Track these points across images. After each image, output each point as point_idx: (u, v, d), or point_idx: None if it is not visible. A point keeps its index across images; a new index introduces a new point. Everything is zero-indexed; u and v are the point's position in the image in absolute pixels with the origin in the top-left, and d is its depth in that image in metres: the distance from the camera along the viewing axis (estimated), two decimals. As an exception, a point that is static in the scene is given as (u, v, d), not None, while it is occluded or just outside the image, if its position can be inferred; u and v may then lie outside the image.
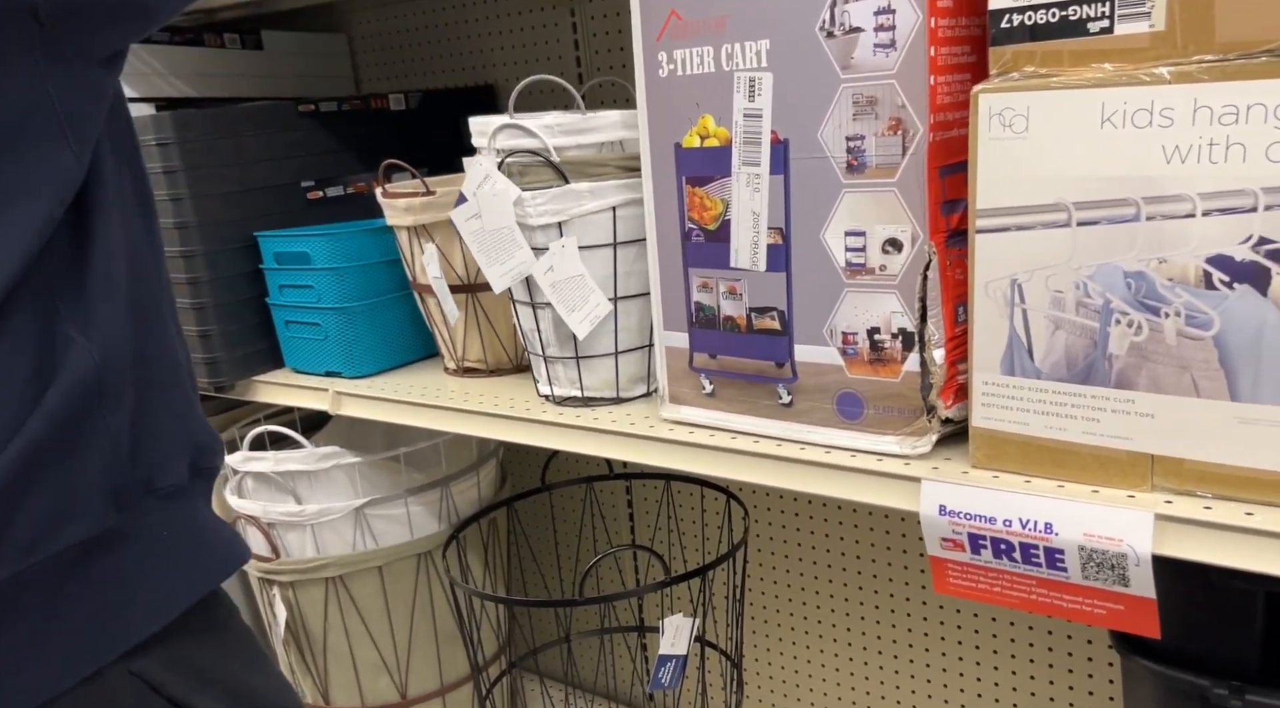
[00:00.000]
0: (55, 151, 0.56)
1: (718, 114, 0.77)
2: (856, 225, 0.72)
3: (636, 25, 0.80)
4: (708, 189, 0.80)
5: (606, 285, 0.91)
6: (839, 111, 0.70)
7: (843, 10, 0.68)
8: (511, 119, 0.89)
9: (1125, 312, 0.61)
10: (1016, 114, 0.62)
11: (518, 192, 0.88)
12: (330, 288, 1.09)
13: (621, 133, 0.90)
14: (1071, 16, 0.60)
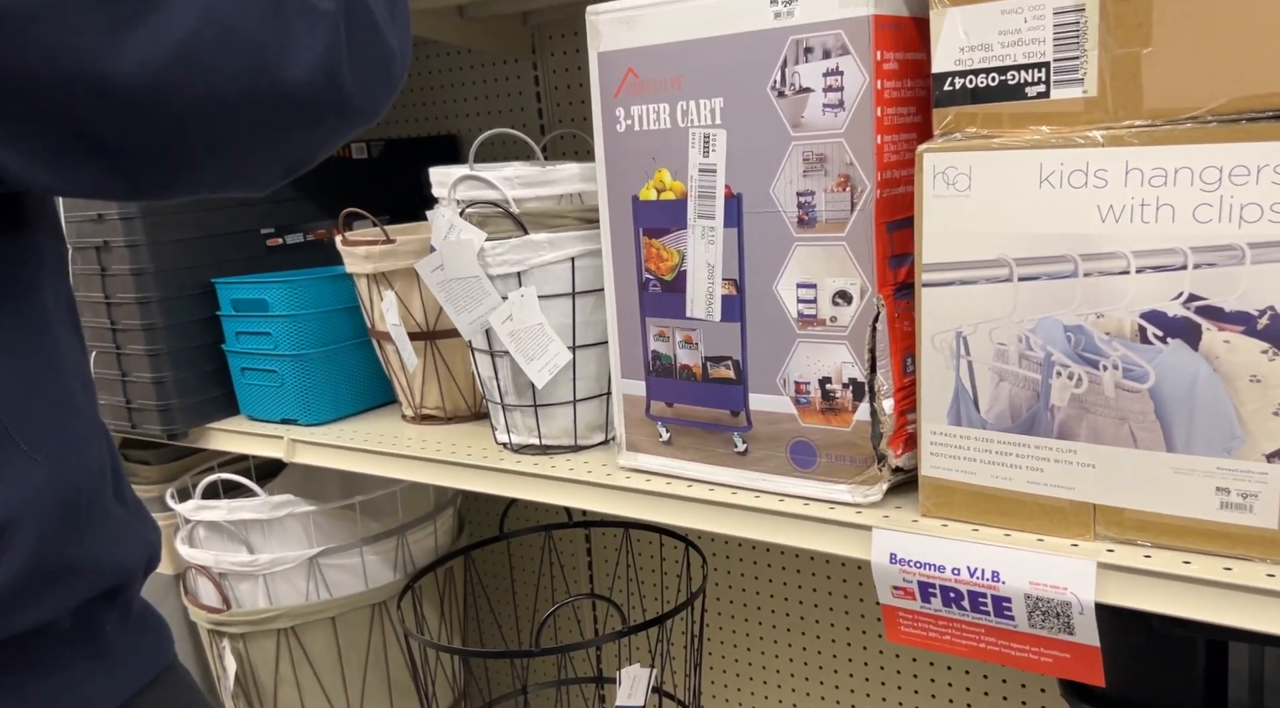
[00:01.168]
0: None
1: (674, 168, 0.79)
2: (808, 278, 0.74)
3: (595, 82, 0.82)
4: (664, 241, 0.81)
5: (565, 334, 0.92)
6: (790, 168, 0.72)
7: (793, 71, 0.71)
8: (472, 170, 0.90)
9: (1066, 364, 0.62)
10: (960, 173, 0.64)
11: (483, 239, 0.89)
12: (288, 335, 1.09)
13: (580, 186, 0.91)
14: (1010, 81, 0.63)
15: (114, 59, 0.47)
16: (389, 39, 0.60)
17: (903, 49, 0.69)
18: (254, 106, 0.52)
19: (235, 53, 0.50)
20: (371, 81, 0.57)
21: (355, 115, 0.58)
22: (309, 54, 0.53)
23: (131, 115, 0.48)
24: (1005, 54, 0.62)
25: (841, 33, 0.68)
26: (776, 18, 0.71)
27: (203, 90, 0.50)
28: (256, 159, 0.55)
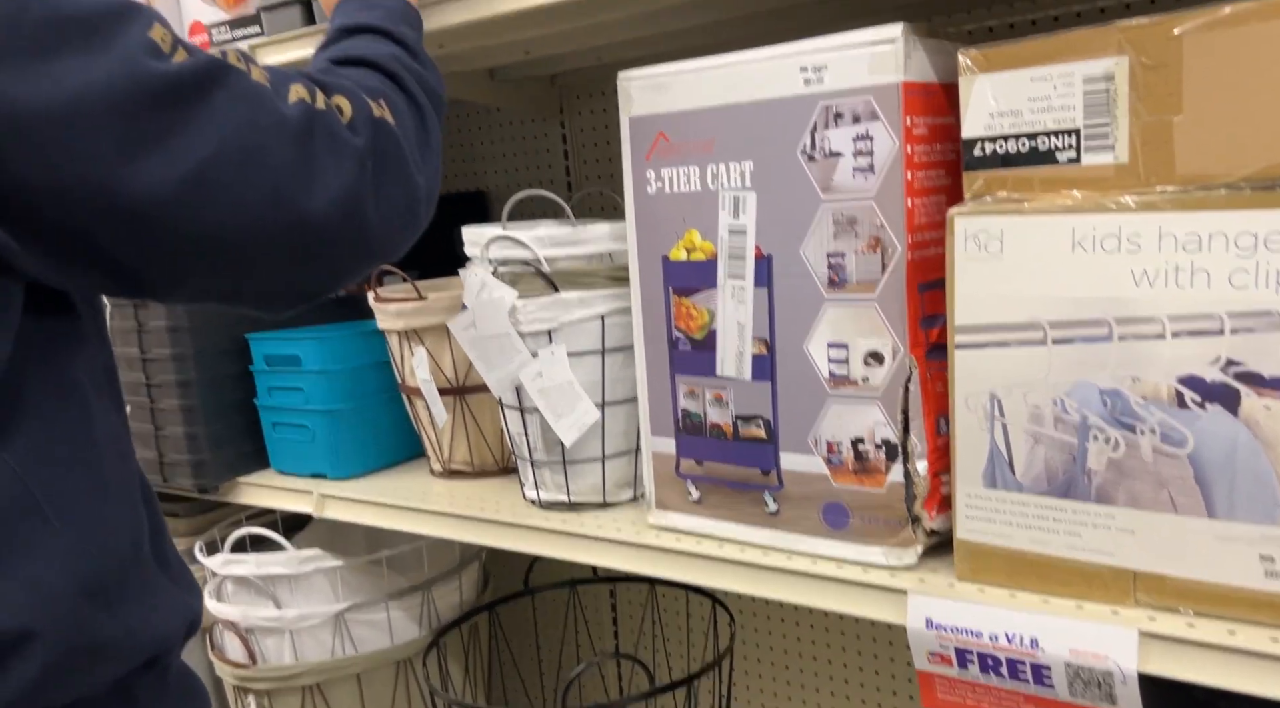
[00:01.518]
0: None
1: (703, 229, 0.80)
2: (839, 338, 0.74)
3: (626, 146, 0.83)
4: (694, 300, 0.82)
5: (594, 391, 0.92)
6: (820, 230, 0.73)
7: (823, 136, 0.72)
8: (504, 230, 0.92)
9: (1102, 428, 0.62)
10: (991, 236, 0.65)
11: (514, 297, 0.90)
12: (319, 390, 1.10)
13: (610, 245, 0.92)
14: (1040, 147, 0.63)
15: (125, 178, 0.47)
16: (417, 178, 0.60)
17: (932, 114, 0.70)
18: (268, 234, 0.51)
19: (254, 181, 0.50)
20: (394, 218, 0.57)
21: (375, 251, 0.57)
22: (331, 187, 0.53)
23: (138, 232, 0.48)
24: (1035, 120, 0.63)
25: (871, 99, 0.69)
26: (806, 84, 0.72)
27: (215, 215, 0.49)
28: (267, 284, 0.55)
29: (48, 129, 0.45)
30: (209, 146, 0.49)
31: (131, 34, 0.48)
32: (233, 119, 0.50)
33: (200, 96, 0.49)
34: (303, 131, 0.53)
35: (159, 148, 0.48)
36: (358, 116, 0.58)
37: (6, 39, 0.44)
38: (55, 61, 0.45)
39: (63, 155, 0.46)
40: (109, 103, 0.46)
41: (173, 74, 0.49)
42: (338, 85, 0.59)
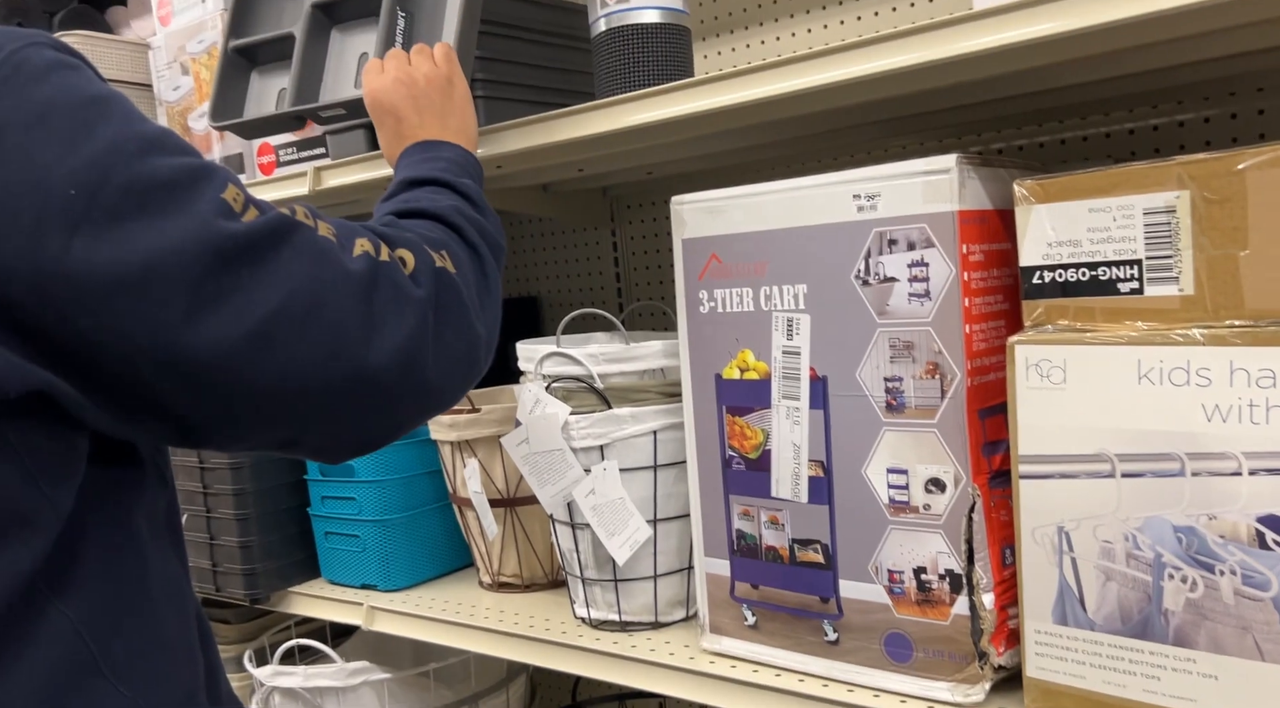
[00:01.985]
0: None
1: (757, 349, 0.80)
2: (898, 463, 0.73)
3: (679, 266, 0.84)
4: (748, 419, 0.81)
5: (646, 507, 0.91)
6: (876, 353, 0.73)
7: (877, 261, 0.72)
8: (558, 347, 0.92)
9: (1178, 567, 0.60)
10: (1053, 366, 0.64)
11: (567, 412, 0.90)
12: (372, 500, 1.10)
13: (663, 361, 0.92)
14: (1101, 276, 0.63)
15: (190, 336, 0.47)
16: (477, 326, 0.61)
17: (988, 241, 0.70)
18: (329, 387, 0.51)
19: (316, 336, 0.51)
20: (454, 368, 0.58)
21: (434, 401, 0.58)
22: (392, 340, 0.53)
23: (201, 388, 0.49)
24: (1095, 250, 0.63)
25: (926, 226, 0.69)
26: (860, 211, 0.72)
27: (277, 369, 0.50)
28: (327, 436, 0.55)
29: (120, 293, 0.46)
30: (273, 302, 0.50)
31: (206, 196, 0.49)
32: (297, 274, 0.51)
33: (267, 254, 0.51)
34: (366, 284, 0.54)
35: (225, 305, 0.49)
36: (420, 267, 0.59)
37: (86, 206, 0.46)
38: (131, 226, 0.46)
39: (132, 317, 0.47)
40: (180, 266, 0.47)
41: (242, 233, 0.50)
42: (401, 238, 0.60)
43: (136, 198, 0.47)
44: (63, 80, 0.48)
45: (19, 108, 0.46)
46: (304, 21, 0.94)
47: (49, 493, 0.49)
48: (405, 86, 0.81)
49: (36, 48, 0.48)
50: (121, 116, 0.49)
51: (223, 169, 0.53)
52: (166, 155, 0.50)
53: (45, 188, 0.45)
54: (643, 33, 0.85)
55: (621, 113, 0.84)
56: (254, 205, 0.52)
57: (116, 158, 0.47)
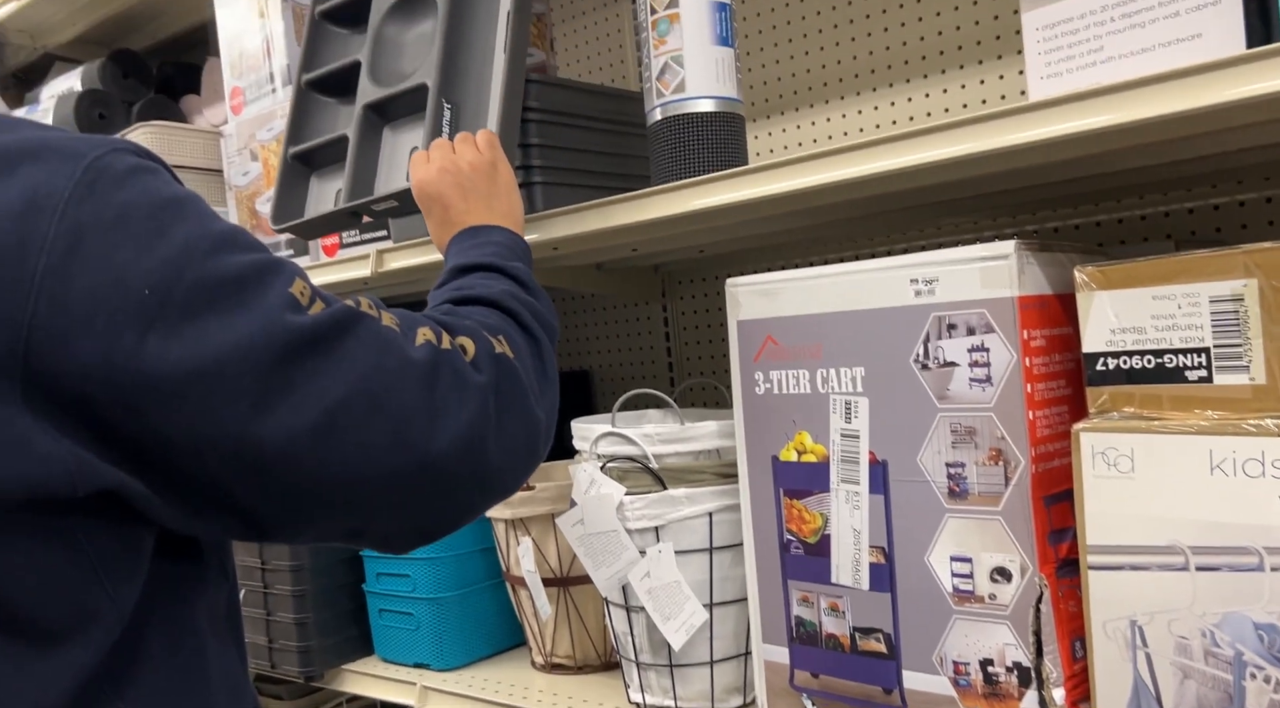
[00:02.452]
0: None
1: (815, 431, 0.80)
2: (962, 551, 0.71)
3: (734, 347, 0.85)
4: (806, 502, 0.81)
5: (702, 590, 0.90)
6: (937, 438, 0.72)
7: (936, 345, 0.72)
8: (613, 428, 0.93)
9: (1260, 666, 0.58)
10: (1121, 454, 0.63)
11: (622, 493, 0.90)
12: (426, 577, 1.11)
13: (718, 442, 0.92)
14: (1168, 364, 0.62)
15: (255, 427, 0.48)
16: (537, 411, 0.62)
17: (1049, 325, 0.70)
18: (392, 477, 0.52)
19: (380, 425, 0.51)
20: (515, 454, 0.58)
21: (497, 487, 0.58)
22: (455, 427, 0.54)
23: (265, 481, 0.50)
24: (1160, 338, 0.62)
25: (985, 312, 0.69)
26: (917, 295, 0.73)
27: (340, 459, 0.50)
28: (390, 526, 0.55)
29: (189, 388, 0.47)
30: (338, 393, 0.51)
31: (274, 290, 0.51)
32: (361, 364, 0.52)
33: (333, 345, 0.52)
34: (429, 372, 0.55)
35: (291, 397, 0.49)
36: (480, 354, 0.59)
37: (159, 304, 0.47)
38: (202, 322, 0.48)
39: (201, 411, 0.48)
40: (249, 360, 0.48)
41: (308, 326, 0.51)
42: (461, 325, 0.62)
43: (207, 295, 0.48)
44: (141, 184, 0.50)
45: (100, 212, 0.47)
46: (356, 122, 0.98)
47: (113, 591, 0.49)
48: (451, 174, 0.83)
49: (117, 154, 0.50)
50: (195, 217, 0.51)
51: (290, 264, 0.54)
52: (237, 252, 0.51)
53: (122, 288, 0.47)
54: (698, 121, 0.87)
55: (677, 199, 0.86)
56: (320, 298, 0.54)
57: (190, 257, 0.49)
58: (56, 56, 1.75)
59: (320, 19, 1.07)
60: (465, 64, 0.95)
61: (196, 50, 1.79)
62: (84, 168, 0.48)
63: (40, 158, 0.47)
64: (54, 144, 0.49)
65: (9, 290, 0.45)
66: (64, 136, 0.50)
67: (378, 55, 1.00)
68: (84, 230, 0.47)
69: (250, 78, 1.28)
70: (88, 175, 0.48)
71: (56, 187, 0.47)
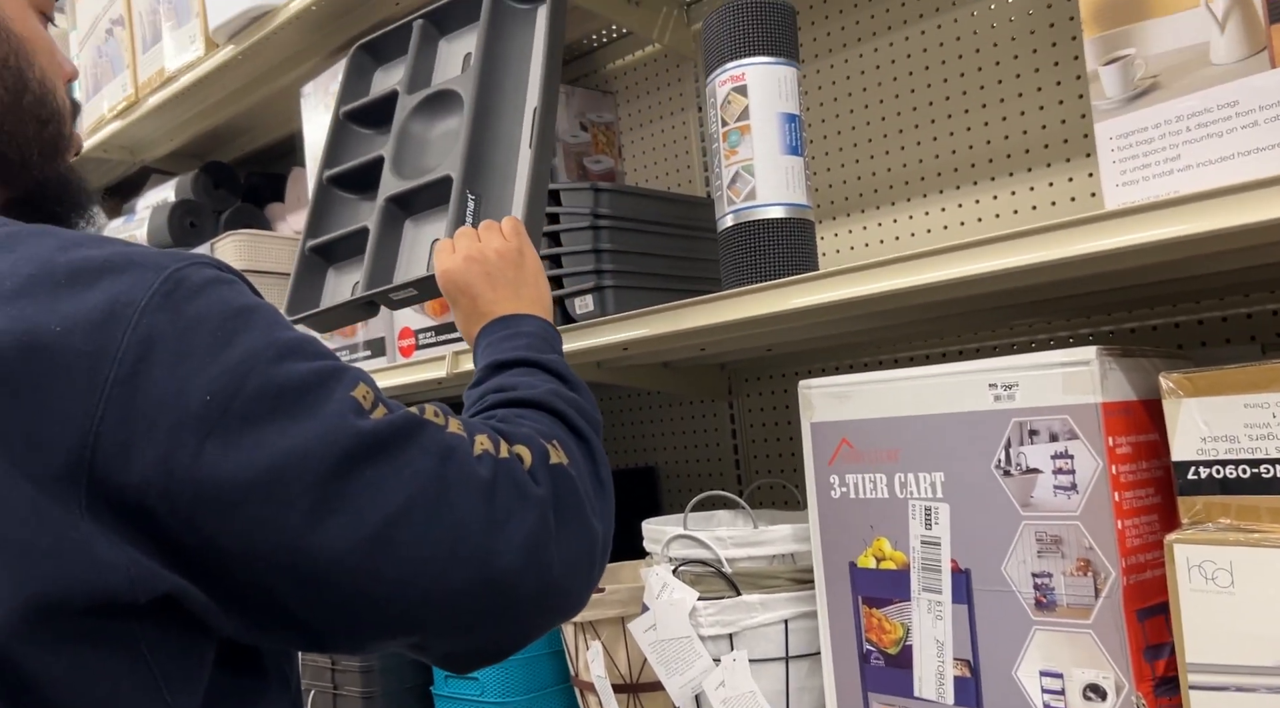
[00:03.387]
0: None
1: (893, 538, 0.79)
2: (1051, 666, 0.69)
3: (808, 449, 0.84)
4: (886, 611, 0.79)
5: (778, 701, 0.88)
6: (1022, 547, 0.70)
7: (1018, 451, 0.71)
8: (685, 530, 0.93)
9: (1388, 800, 0.54)
10: (1219, 568, 0.61)
11: (695, 598, 0.89)
12: (495, 681, 1.10)
13: (793, 546, 0.91)
14: (1264, 475, 0.60)
15: (311, 538, 0.47)
16: (595, 523, 0.60)
17: (1135, 432, 0.68)
18: (451, 591, 0.50)
19: (439, 537, 0.50)
20: (576, 569, 0.57)
21: (560, 603, 0.56)
22: (515, 540, 0.52)
23: (321, 592, 0.48)
24: (1255, 447, 0.60)
25: (1068, 418, 0.68)
26: (996, 400, 0.72)
27: (395, 573, 0.49)
28: (451, 643, 0.54)
29: (246, 496, 0.47)
30: (397, 504, 0.50)
31: (336, 396, 0.50)
32: (421, 475, 0.51)
33: (394, 453, 0.51)
34: (488, 485, 0.53)
35: (348, 506, 0.48)
36: (538, 464, 0.58)
37: (221, 412, 0.47)
38: (263, 430, 0.47)
39: (257, 521, 0.47)
40: (307, 468, 0.48)
41: (369, 432, 0.50)
42: (517, 433, 0.60)
43: (269, 402, 0.48)
44: (215, 294, 0.50)
45: (173, 322, 0.48)
46: (378, 214, 0.98)
47: (172, 701, 0.48)
48: (477, 264, 0.81)
49: (196, 267, 0.51)
50: (264, 325, 0.51)
51: (355, 369, 0.54)
52: (302, 360, 0.51)
53: (185, 397, 0.46)
54: (768, 227, 0.89)
55: (748, 303, 0.87)
56: (383, 403, 0.53)
57: (254, 364, 0.49)
58: (153, 169, 1.85)
59: (344, 119, 1.11)
60: (490, 158, 0.95)
61: (284, 160, 1.88)
62: (163, 279, 0.48)
63: (123, 270, 0.48)
64: (137, 258, 0.50)
65: (81, 399, 0.45)
66: (148, 251, 0.51)
67: (402, 149, 1.01)
68: (155, 339, 0.47)
69: (334, 188, 1.34)
70: (165, 285, 0.48)
71: (135, 296, 0.47)
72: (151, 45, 1.55)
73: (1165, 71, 0.65)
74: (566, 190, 1.06)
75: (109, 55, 1.64)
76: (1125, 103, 0.67)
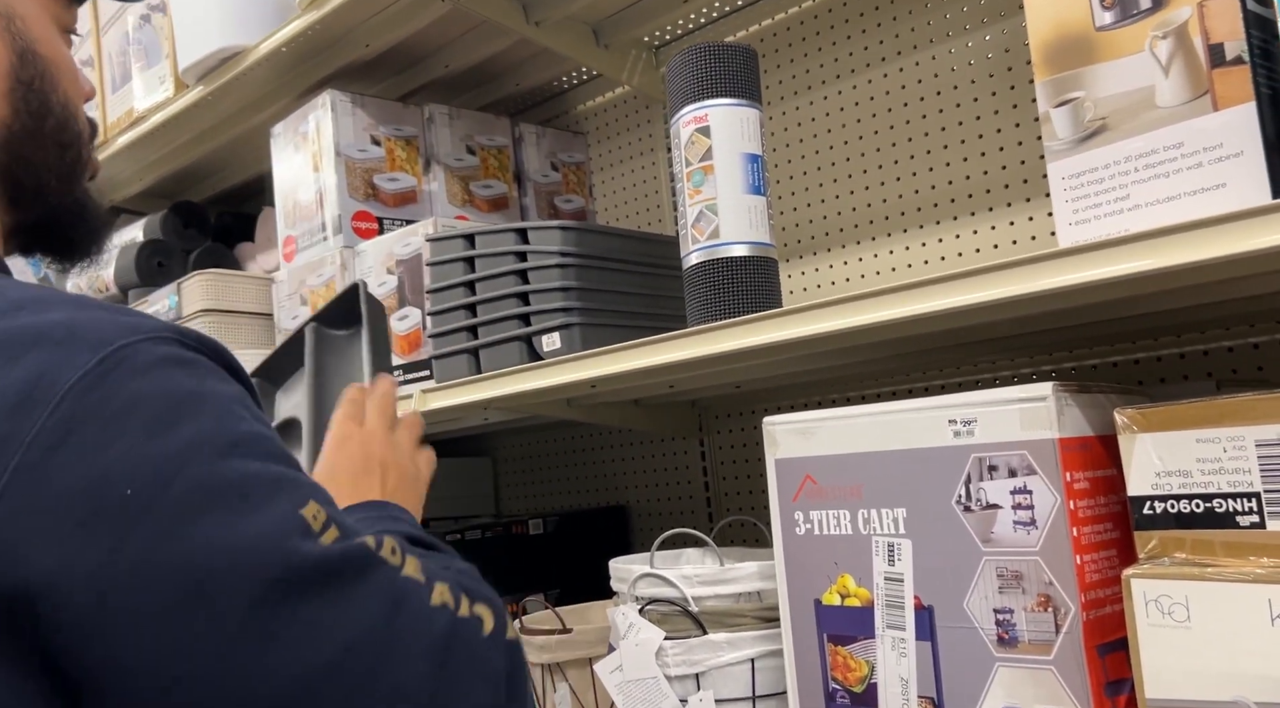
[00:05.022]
0: None
1: (857, 575, 0.78)
2: (1015, 702, 0.69)
3: (773, 486, 0.84)
4: (851, 649, 0.79)
5: (745, 743, 0.87)
6: (984, 583, 0.70)
7: (978, 487, 0.71)
8: (652, 569, 0.92)
9: (1345, 835, 0.54)
10: (1175, 603, 0.61)
11: (661, 637, 0.89)
12: (460, 725, 1.08)
13: (759, 584, 0.91)
14: (1217, 509, 0.61)
15: (232, 667, 0.41)
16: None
17: (1092, 468, 0.69)
18: None
19: (376, 693, 0.43)
20: None
21: None
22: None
23: None
24: (1208, 481, 0.61)
25: (1026, 453, 0.68)
26: (956, 436, 0.72)
27: None
28: None
29: (162, 608, 0.40)
30: (331, 652, 0.42)
31: (280, 507, 0.44)
32: (365, 621, 0.44)
33: (338, 590, 0.44)
34: (442, 646, 0.46)
35: (275, 642, 0.41)
36: (498, 631, 0.50)
37: (143, 508, 0.41)
38: (191, 532, 0.41)
39: (178, 633, 0.40)
40: (237, 588, 0.41)
41: (314, 558, 0.43)
42: (481, 593, 0.52)
43: (203, 499, 0.42)
44: (162, 375, 0.44)
45: (105, 403, 0.42)
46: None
47: None
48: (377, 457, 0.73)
49: (150, 343, 0.44)
50: (216, 414, 0.44)
51: (309, 482, 0.47)
52: (252, 458, 0.44)
53: (102, 487, 0.40)
54: (733, 265, 0.90)
55: (713, 339, 0.87)
56: (336, 525, 0.46)
57: (194, 454, 0.42)
58: (122, 209, 1.85)
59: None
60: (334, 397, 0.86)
61: (254, 201, 1.88)
62: (101, 358, 0.42)
63: (58, 344, 0.42)
64: (81, 329, 0.43)
65: None
66: (99, 321, 0.44)
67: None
68: (76, 424, 0.41)
69: (303, 226, 1.34)
70: (103, 365, 0.42)
71: (62, 376, 0.41)
72: (121, 85, 1.55)
73: (1113, 113, 0.66)
74: (534, 229, 1.06)
75: (79, 95, 1.64)
76: (1076, 143, 0.68)
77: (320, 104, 1.30)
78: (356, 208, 1.29)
